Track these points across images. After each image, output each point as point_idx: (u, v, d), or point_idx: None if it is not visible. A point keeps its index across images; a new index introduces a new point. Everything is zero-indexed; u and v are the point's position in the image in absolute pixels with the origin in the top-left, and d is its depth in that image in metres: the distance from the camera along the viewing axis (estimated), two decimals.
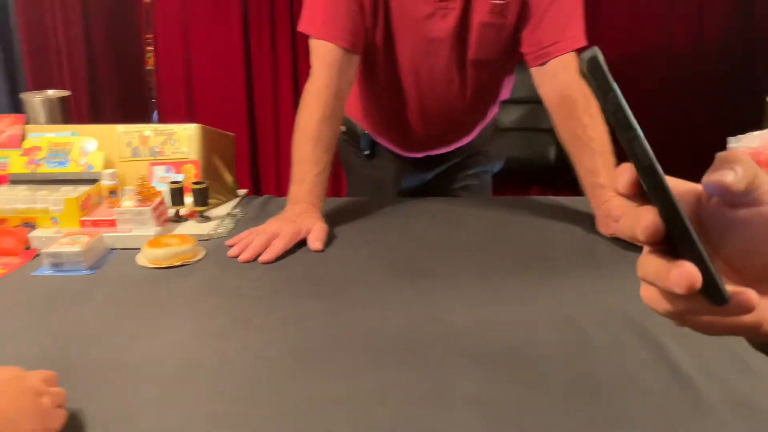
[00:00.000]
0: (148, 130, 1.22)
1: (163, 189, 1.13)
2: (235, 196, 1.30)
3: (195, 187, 1.11)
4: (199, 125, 1.22)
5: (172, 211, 1.13)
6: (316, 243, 1.01)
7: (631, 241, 0.33)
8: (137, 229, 1.05)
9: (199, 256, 0.99)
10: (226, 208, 1.23)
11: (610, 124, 0.31)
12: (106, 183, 1.09)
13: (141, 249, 0.97)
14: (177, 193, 1.11)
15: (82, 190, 1.10)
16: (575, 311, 0.78)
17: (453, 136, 1.37)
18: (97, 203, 1.13)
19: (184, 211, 1.14)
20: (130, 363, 0.68)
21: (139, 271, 0.94)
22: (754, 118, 1.61)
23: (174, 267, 0.95)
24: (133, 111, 2.48)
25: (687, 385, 0.62)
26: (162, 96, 2.43)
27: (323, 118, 1.12)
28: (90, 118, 2.28)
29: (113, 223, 1.05)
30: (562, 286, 0.86)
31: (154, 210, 1.06)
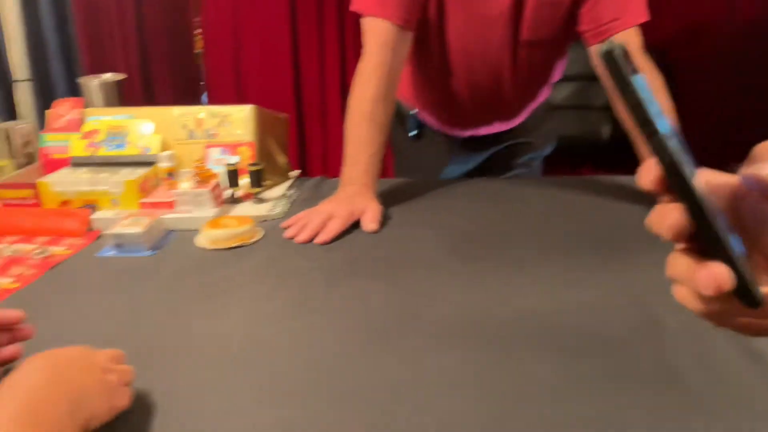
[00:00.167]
0: (202, 112, 1.23)
1: (219, 171, 1.14)
2: (288, 177, 1.30)
3: (251, 168, 1.12)
4: (254, 106, 1.22)
5: (227, 192, 1.14)
6: (371, 224, 1.00)
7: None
8: (195, 210, 1.06)
9: (257, 237, 0.99)
10: (280, 189, 1.23)
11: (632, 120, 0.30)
12: (164, 165, 1.10)
13: (200, 230, 0.98)
14: (233, 175, 1.12)
15: (141, 172, 1.12)
16: (645, 295, 0.76)
17: (501, 116, 1.34)
18: (155, 185, 1.15)
19: (239, 192, 1.15)
20: (194, 343, 0.69)
21: (199, 252, 0.95)
22: None
23: (233, 248, 0.95)
24: (184, 94, 2.52)
25: None
26: (211, 78, 2.45)
27: (377, 98, 1.10)
28: (143, 101, 2.33)
29: (172, 204, 1.07)
30: (628, 269, 0.83)
31: (211, 191, 1.07)
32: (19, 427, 0.42)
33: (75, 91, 1.59)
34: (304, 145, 2.35)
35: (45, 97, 2.53)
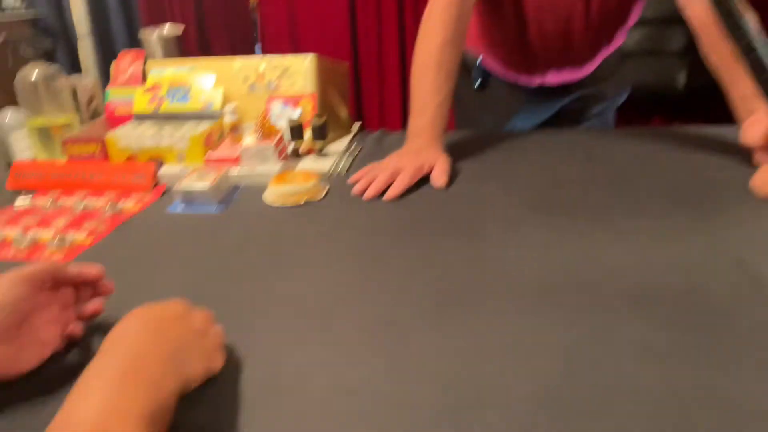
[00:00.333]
0: (263, 64, 1.20)
1: (282, 125, 1.11)
2: (350, 131, 1.27)
3: (313, 122, 1.09)
4: (315, 56, 1.18)
5: (290, 147, 1.12)
6: (440, 178, 0.97)
7: None
8: (260, 165, 1.04)
9: (323, 194, 0.97)
10: (342, 143, 1.20)
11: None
12: (228, 119, 1.08)
13: (268, 186, 0.97)
14: (296, 129, 1.09)
15: (205, 126, 1.11)
16: (743, 253, 0.70)
17: (572, 62, 1.26)
18: (218, 140, 1.14)
19: (302, 147, 1.12)
20: (270, 301, 0.68)
21: (267, 208, 0.94)
22: None
23: (300, 205, 0.94)
24: (238, 45, 2.49)
25: None
26: (265, 29, 2.41)
27: (445, 43, 1.05)
28: (199, 53, 2.32)
29: (237, 159, 1.05)
30: (723, 225, 0.78)
31: (275, 146, 1.05)
32: (123, 385, 0.42)
33: (135, 45, 1.58)
34: (360, 97, 2.30)
35: (105, 52, 2.56)
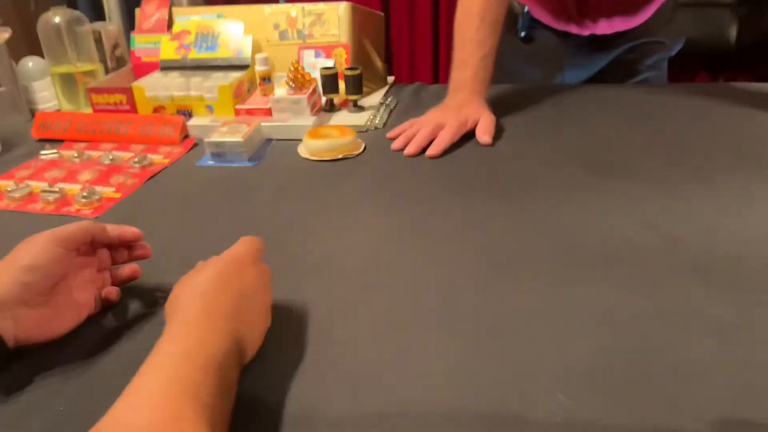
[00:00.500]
0: (294, 9, 1.14)
1: (314, 76, 1.06)
2: (385, 83, 1.21)
3: (348, 73, 1.03)
4: (349, 3, 1.11)
5: (323, 99, 1.07)
6: (485, 136, 0.91)
7: None
8: (293, 118, 0.99)
9: (360, 149, 0.92)
10: (377, 96, 1.14)
11: None
12: (259, 69, 1.03)
13: (303, 140, 0.92)
14: (330, 80, 1.04)
15: (235, 76, 1.05)
16: None
17: (626, 9, 1.17)
18: (248, 90, 1.08)
19: (337, 99, 1.07)
20: (308, 264, 0.64)
21: (302, 163, 0.89)
22: None
23: (336, 160, 0.89)
24: None
25: None
26: None
27: None
28: (224, 2, 2.23)
29: (269, 111, 1.00)
30: None
31: (309, 98, 0.99)
32: (197, 329, 0.42)
33: None
34: (389, 49, 2.22)
35: None
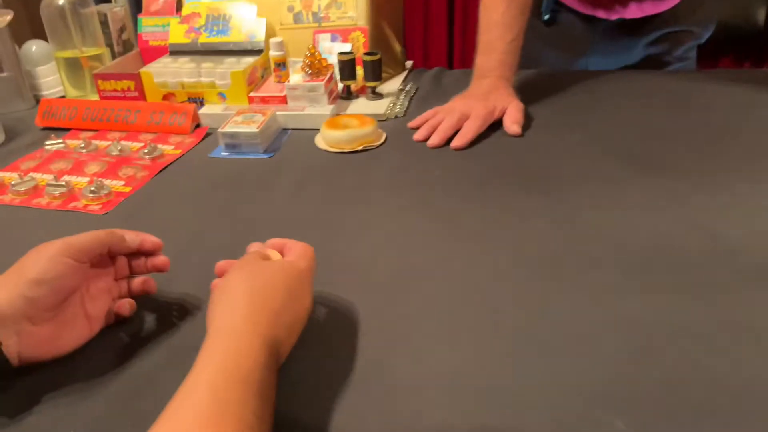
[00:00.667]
0: None
1: (331, 61, 1.00)
2: (404, 68, 1.16)
3: (367, 58, 0.98)
4: None
5: (339, 86, 1.02)
6: (514, 126, 0.86)
7: None
8: (310, 107, 0.94)
9: (381, 140, 0.87)
10: (395, 82, 1.09)
11: None
12: (274, 54, 0.98)
13: (320, 131, 0.87)
14: (348, 66, 0.98)
15: (248, 61, 1.00)
16: None
17: None
18: (262, 76, 1.03)
19: (354, 86, 1.02)
20: (336, 263, 0.59)
21: (319, 155, 0.85)
22: None
23: (356, 152, 0.84)
24: None
25: None
26: None
27: None
28: None
29: (284, 99, 0.96)
30: None
31: (326, 85, 0.94)
32: (251, 311, 0.42)
33: None
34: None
35: None
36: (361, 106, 0.99)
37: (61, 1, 1.03)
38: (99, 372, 0.46)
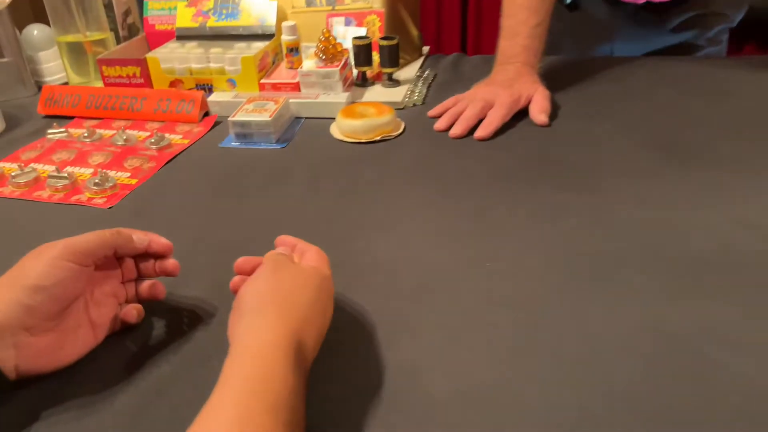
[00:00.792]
0: None
1: (345, 46, 0.96)
2: (420, 54, 1.11)
3: (384, 43, 0.93)
4: None
5: (354, 72, 0.97)
6: (541, 115, 0.81)
7: None
8: (324, 94, 0.90)
9: (400, 130, 0.83)
10: (412, 69, 1.04)
11: None
12: (286, 38, 0.93)
13: (335, 119, 0.83)
14: (364, 51, 0.94)
15: (259, 46, 0.96)
16: None
17: None
18: (273, 62, 0.99)
19: (369, 72, 0.97)
20: (357, 263, 0.55)
21: (335, 145, 0.80)
22: None
23: (374, 142, 0.80)
24: None
25: None
26: None
27: None
28: None
29: (296, 86, 0.91)
30: None
31: (341, 71, 0.90)
32: (279, 318, 0.38)
33: None
34: None
35: None
36: (377, 93, 0.94)
37: None
38: (104, 384, 0.42)
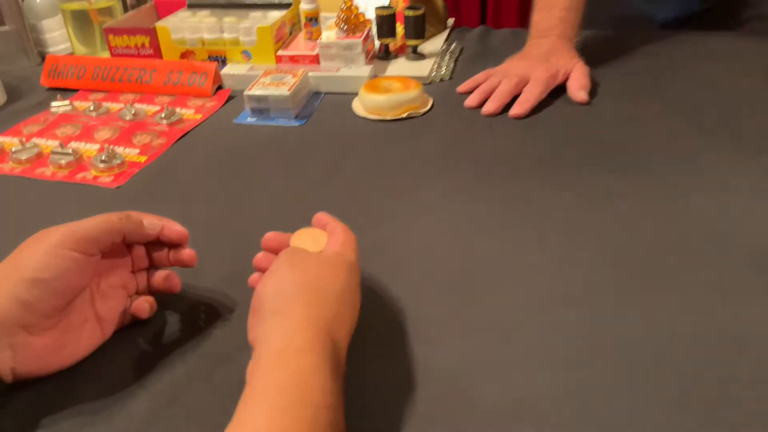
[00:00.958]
0: None
1: (368, 17, 0.90)
2: (445, 26, 1.05)
3: (410, 13, 0.87)
4: None
5: (376, 44, 0.91)
6: (580, 92, 0.75)
7: None
8: (345, 67, 0.84)
9: (428, 106, 0.77)
10: (437, 41, 0.98)
11: None
12: (305, 7, 0.87)
13: (358, 95, 0.77)
14: (387, 22, 0.87)
15: (275, 16, 0.90)
16: None
17: None
18: (291, 33, 0.93)
19: (393, 45, 0.91)
20: (388, 252, 0.50)
21: (358, 122, 0.75)
22: None
23: (400, 119, 0.74)
24: None
25: None
26: None
27: None
28: None
29: (316, 59, 0.85)
30: None
31: (364, 43, 0.84)
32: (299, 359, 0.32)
33: None
34: None
35: None
36: (401, 67, 0.88)
37: None
38: (111, 388, 0.38)
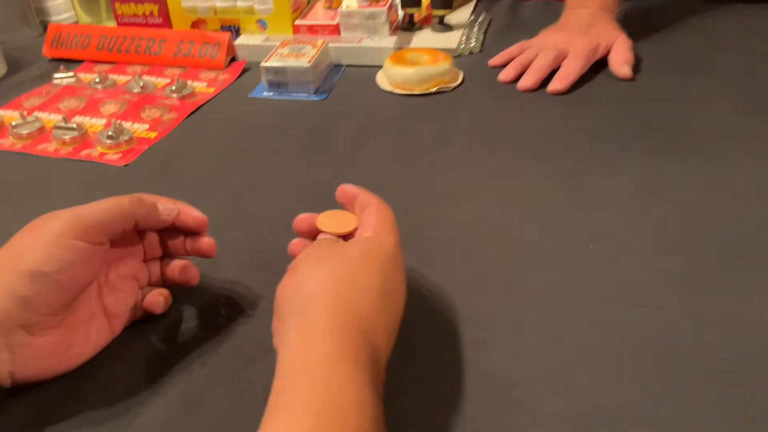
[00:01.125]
0: None
1: None
2: None
3: None
4: None
5: (399, 14, 0.85)
6: (624, 66, 0.70)
7: None
8: (368, 38, 0.78)
9: (458, 81, 0.72)
10: (464, 12, 0.92)
11: None
12: None
13: (383, 67, 0.72)
14: None
15: None
16: None
17: None
18: (309, 1, 0.87)
19: (418, 15, 0.85)
20: (416, 234, 0.45)
21: (384, 97, 0.69)
22: None
23: (429, 94, 0.69)
24: None
25: None
26: None
27: None
28: None
29: (336, 29, 0.80)
30: None
31: (388, 12, 0.78)
32: (342, 335, 0.28)
33: None
34: None
35: None
36: (427, 39, 0.82)
37: None
38: (121, 393, 0.33)
